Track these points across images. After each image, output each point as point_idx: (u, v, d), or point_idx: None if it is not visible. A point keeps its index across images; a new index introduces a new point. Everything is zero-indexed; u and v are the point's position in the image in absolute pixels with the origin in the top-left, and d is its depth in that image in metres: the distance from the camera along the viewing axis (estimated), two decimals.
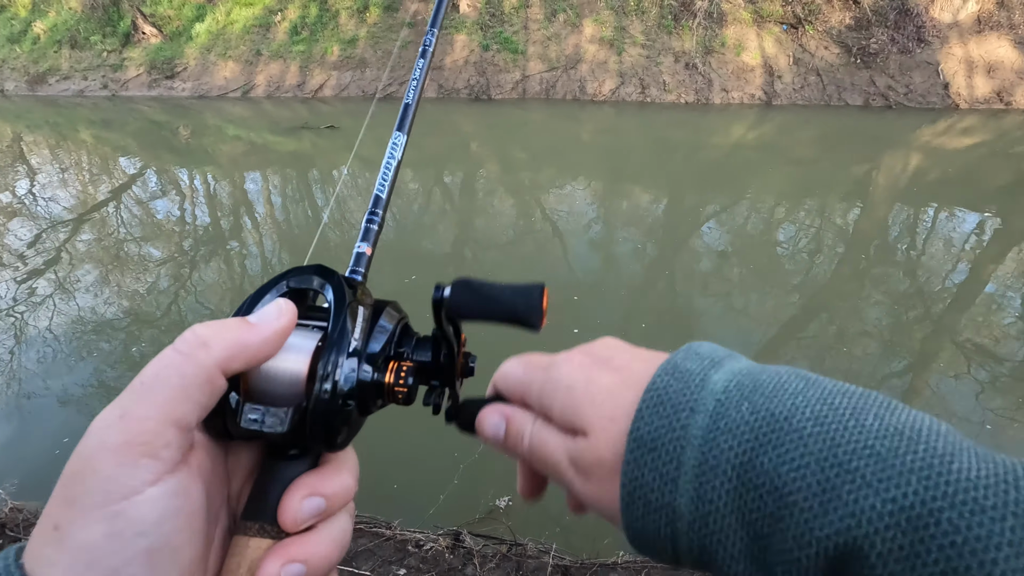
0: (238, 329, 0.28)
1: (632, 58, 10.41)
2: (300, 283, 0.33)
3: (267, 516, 0.29)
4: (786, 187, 6.83)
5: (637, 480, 0.28)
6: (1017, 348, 3.88)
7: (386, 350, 0.33)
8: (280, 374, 0.30)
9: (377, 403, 0.32)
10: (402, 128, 0.47)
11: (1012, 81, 9.20)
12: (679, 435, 0.27)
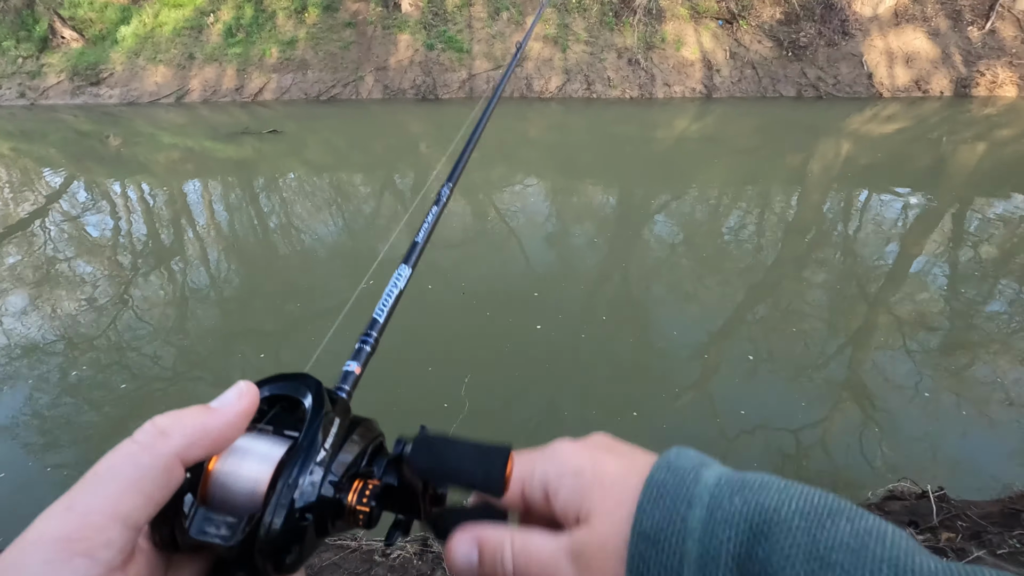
0: (198, 415, 0.27)
1: (576, 55, 10.55)
2: (281, 390, 0.32)
3: None
4: (729, 177, 7.08)
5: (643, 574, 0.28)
6: (946, 319, 4.15)
7: (354, 467, 0.31)
8: (241, 481, 0.28)
9: (336, 524, 0.30)
10: (408, 261, 0.49)
11: (928, 70, 9.83)
12: (680, 528, 0.28)
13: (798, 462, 2.89)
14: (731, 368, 3.57)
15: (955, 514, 2.03)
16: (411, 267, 0.49)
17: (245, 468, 0.28)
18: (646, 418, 3.17)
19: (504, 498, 0.33)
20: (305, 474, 0.28)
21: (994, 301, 4.43)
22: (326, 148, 8.40)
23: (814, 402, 3.35)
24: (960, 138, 8.22)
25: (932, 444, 3.04)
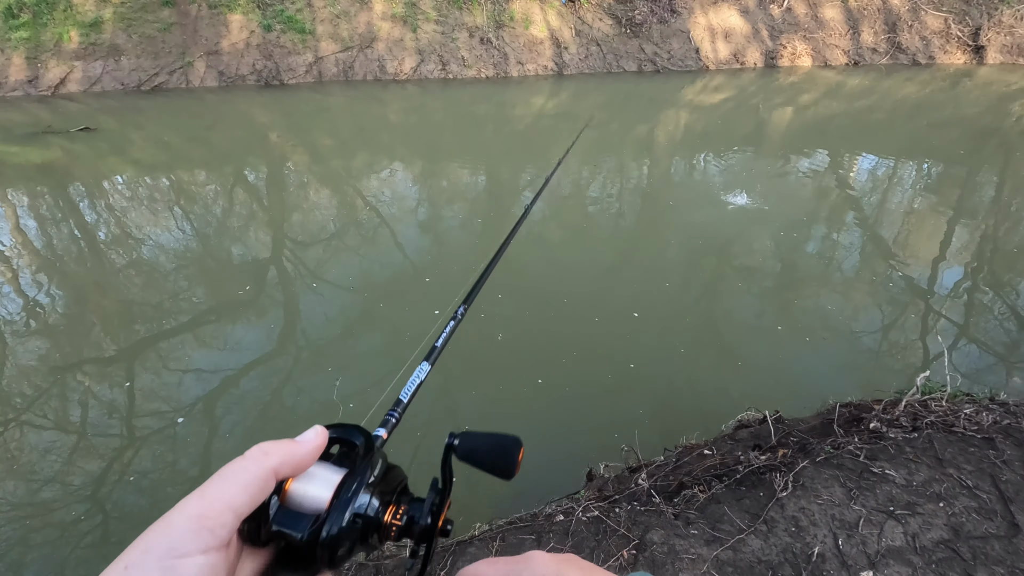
0: (290, 445, 0.37)
1: (428, 35, 10.33)
2: (343, 435, 0.42)
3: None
4: (587, 150, 7.45)
5: None
6: (776, 263, 4.77)
7: (388, 496, 0.41)
8: (312, 493, 0.37)
9: (372, 536, 0.40)
10: (429, 359, 0.61)
11: (743, 44, 11.08)
12: None
13: (672, 403, 3.18)
14: (618, 326, 3.81)
15: (788, 432, 2.36)
16: (431, 364, 0.61)
17: (313, 486, 0.38)
18: (550, 383, 3.28)
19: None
20: (357, 494, 0.38)
21: (811, 242, 5.18)
22: (157, 144, 7.42)
23: (689, 348, 3.69)
24: (773, 104, 9.40)
25: (775, 372, 3.50)
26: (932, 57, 10.96)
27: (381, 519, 0.40)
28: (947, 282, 4.67)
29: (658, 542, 1.74)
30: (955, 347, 3.84)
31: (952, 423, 2.19)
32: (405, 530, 0.41)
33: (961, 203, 6.16)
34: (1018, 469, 1.95)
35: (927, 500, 1.83)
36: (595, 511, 1.89)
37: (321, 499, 0.37)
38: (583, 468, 2.52)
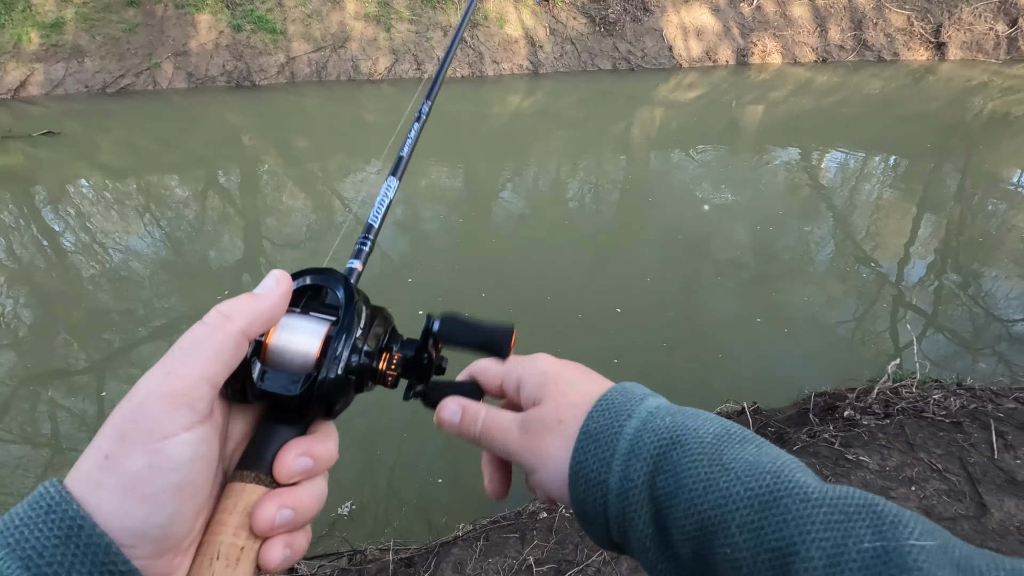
0: (250, 301, 0.34)
1: (402, 34, 10.26)
2: (314, 280, 0.40)
3: (263, 467, 0.34)
4: (564, 148, 7.48)
5: (582, 463, 0.37)
6: (752, 257, 4.85)
7: (380, 343, 0.40)
8: (296, 350, 0.36)
9: (368, 384, 0.39)
10: (395, 174, 0.56)
11: (715, 42, 11.23)
12: (616, 432, 0.37)
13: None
14: (602, 322, 3.84)
15: (766, 423, 2.41)
16: (398, 179, 0.55)
17: (297, 340, 0.36)
18: None
19: (489, 387, 0.44)
20: (348, 346, 0.36)
21: (786, 236, 5.28)
22: (125, 148, 7.24)
23: (671, 341, 3.73)
24: (745, 101, 9.55)
25: (754, 364, 3.56)
26: (896, 54, 11.26)
27: (376, 367, 0.39)
28: (915, 273, 4.80)
29: None
30: (924, 335, 3.95)
31: (922, 409, 2.25)
32: (400, 375, 0.40)
33: (927, 195, 6.34)
34: (985, 451, 2.02)
35: (900, 484, 1.89)
36: None
37: (308, 355, 0.35)
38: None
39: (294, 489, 0.34)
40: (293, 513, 0.33)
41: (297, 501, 0.34)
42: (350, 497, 2.61)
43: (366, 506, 2.55)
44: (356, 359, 0.37)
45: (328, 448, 0.37)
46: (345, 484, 2.69)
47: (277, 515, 0.32)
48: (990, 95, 9.64)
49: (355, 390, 0.38)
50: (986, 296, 4.49)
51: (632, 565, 1.66)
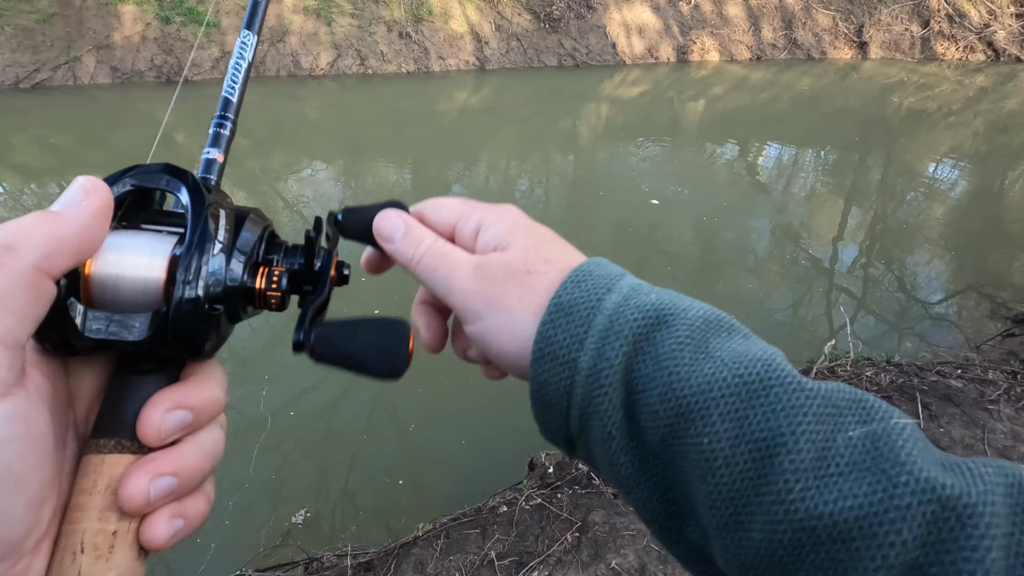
0: (45, 223, 0.25)
1: (344, 28, 9.99)
2: (144, 182, 0.30)
3: (124, 432, 0.27)
4: (513, 144, 7.50)
5: (550, 339, 0.31)
6: (699, 247, 5.01)
7: (254, 256, 0.31)
8: (132, 279, 0.27)
9: (247, 310, 0.32)
10: (251, 27, 0.41)
11: (656, 40, 11.52)
12: (593, 306, 0.32)
13: None
14: None
15: None
16: (255, 33, 0.41)
17: (130, 266, 0.27)
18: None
19: (437, 226, 0.37)
20: (205, 266, 0.28)
21: (728, 226, 5.48)
22: (43, 148, 6.75)
23: None
24: (686, 97, 9.85)
25: None
26: (824, 52, 11.88)
27: (252, 287, 0.30)
28: (846, 259, 5.09)
29: (600, 522, 1.79)
30: (856, 318, 4.20)
31: (857, 385, 2.39)
32: (288, 293, 0.32)
33: (855, 186, 6.72)
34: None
35: None
36: (538, 499, 1.92)
37: (148, 284, 0.27)
38: (527, 459, 2.55)
39: (173, 450, 0.28)
40: (175, 479, 0.27)
41: (179, 464, 0.27)
42: (304, 505, 2.54)
43: (322, 513, 2.48)
44: (220, 280, 0.29)
45: (210, 393, 0.30)
46: (299, 491, 2.61)
47: (152, 487, 0.26)
48: (907, 92, 10.32)
49: (230, 319, 0.30)
50: (909, 279, 4.81)
51: (592, 552, 1.69)
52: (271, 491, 2.57)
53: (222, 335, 0.30)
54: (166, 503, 0.27)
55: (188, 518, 0.28)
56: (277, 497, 2.56)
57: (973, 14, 12.15)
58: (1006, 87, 10.78)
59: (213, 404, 0.30)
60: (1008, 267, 5.06)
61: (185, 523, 0.28)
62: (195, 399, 0.29)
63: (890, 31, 12.02)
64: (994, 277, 4.86)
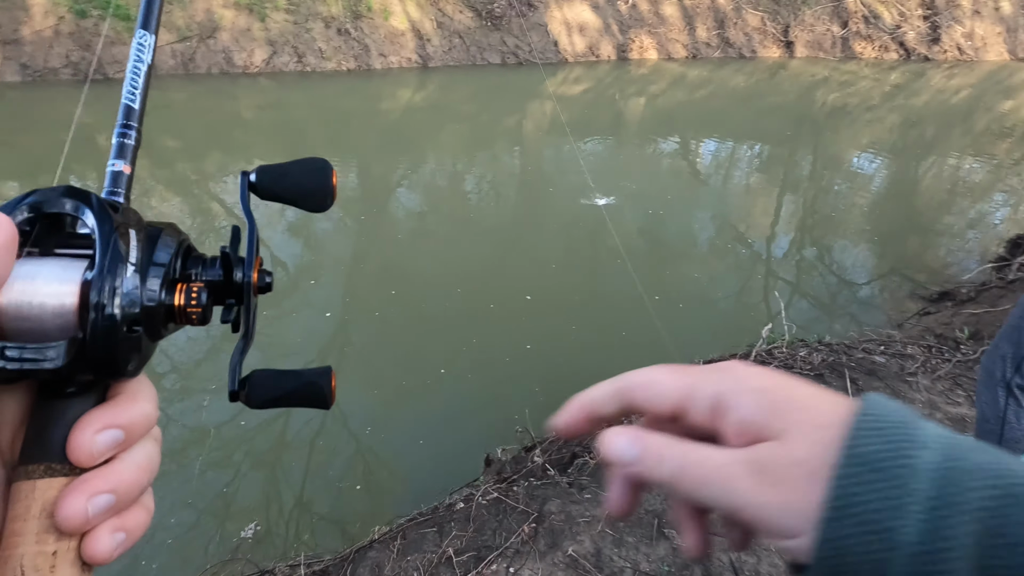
0: None
1: (279, 24, 9.65)
2: (46, 207, 0.29)
3: (53, 456, 0.27)
4: (460, 142, 7.47)
5: (854, 497, 0.26)
6: (647, 240, 5.15)
7: (171, 272, 0.31)
8: (43, 307, 0.27)
9: (169, 327, 0.32)
10: (147, 26, 0.39)
11: (597, 38, 11.73)
12: (904, 462, 0.26)
13: (566, 379, 3.30)
14: (514, 310, 3.91)
15: None
16: (152, 33, 0.40)
17: (40, 294, 0.27)
18: (453, 373, 3.26)
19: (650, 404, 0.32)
20: (118, 287, 0.28)
21: (674, 220, 5.66)
22: None
23: (579, 324, 3.87)
24: (628, 94, 10.09)
25: (654, 339, 3.78)
26: (754, 51, 12.44)
27: (171, 304, 0.30)
28: (781, 247, 5.36)
29: (556, 511, 1.82)
30: (791, 303, 4.43)
31: (791, 365, 2.53)
32: (208, 306, 0.32)
33: (787, 178, 7.08)
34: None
35: None
36: (494, 493, 1.93)
37: (61, 312, 0.27)
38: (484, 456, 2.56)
39: (107, 469, 0.28)
40: (113, 496, 0.27)
41: (115, 481, 0.27)
42: (254, 518, 2.46)
43: (274, 525, 2.41)
44: (136, 301, 0.28)
45: (139, 410, 0.29)
46: (249, 505, 2.52)
47: (89, 506, 0.26)
48: (831, 88, 10.95)
49: (151, 338, 0.30)
50: (838, 265, 5.12)
51: (549, 541, 1.72)
52: (218, 506, 2.47)
53: (144, 354, 0.30)
54: (105, 519, 0.27)
55: (129, 530, 0.28)
56: (225, 512, 2.46)
57: (886, 16, 13.02)
58: (917, 84, 11.61)
59: (144, 420, 0.30)
60: (924, 251, 5.46)
61: (127, 535, 0.28)
62: (125, 417, 0.29)
63: (813, 31, 12.71)
64: (912, 260, 5.24)
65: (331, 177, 0.36)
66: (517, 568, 1.63)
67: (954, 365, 2.57)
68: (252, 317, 0.35)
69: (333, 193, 0.36)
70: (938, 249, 5.53)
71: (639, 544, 1.71)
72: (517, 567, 1.64)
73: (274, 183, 0.35)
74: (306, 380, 0.34)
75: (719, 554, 1.67)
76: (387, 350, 3.50)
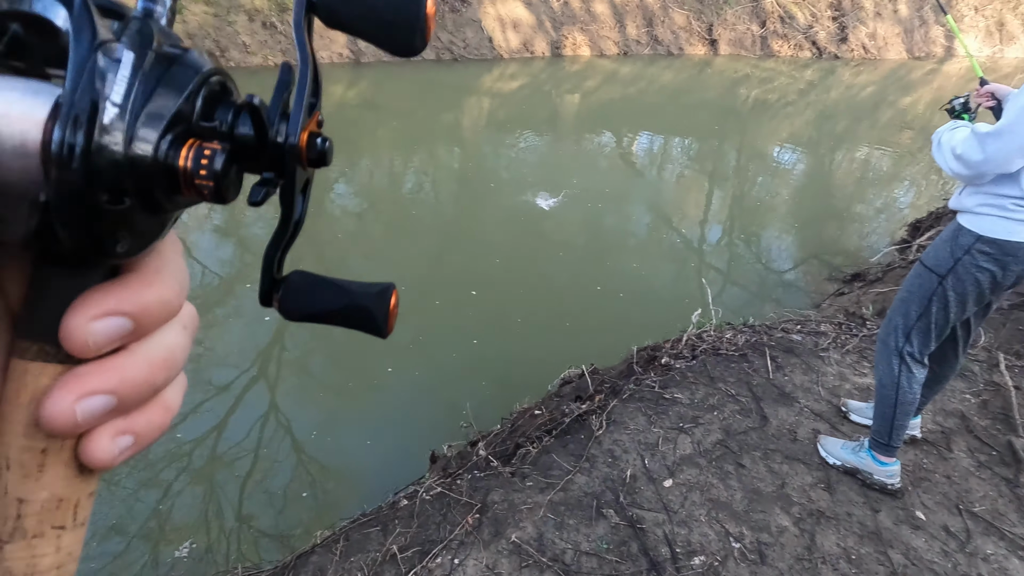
0: None
1: (199, 17, 9.17)
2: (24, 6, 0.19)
3: (47, 336, 0.21)
4: (397, 139, 7.36)
5: None
6: (588, 232, 5.26)
7: (182, 119, 0.21)
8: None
9: (176, 199, 0.22)
10: None
11: (531, 35, 11.83)
12: None
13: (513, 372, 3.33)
14: (460, 305, 3.90)
15: (602, 380, 2.68)
16: None
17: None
18: (400, 370, 3.22)
19: None
20: (94, 129, 0.19)
21: (613, 212, 5.81)
22: None
23: (525, 316, 3.91)
24: (563, 90, 10.24)
25: (597, 328, 3.88)
26: (681, 48, 12.92)
27: (175, 166, 0.21)
28: (712, 237, 5.62)
29: (499, 501, 1.86)
30: (723, 290, 4.66)
31: (719, 347, 2.68)
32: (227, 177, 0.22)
33: (716, 170, 7.42)
34: (764, 374, 2.47)
35: (705, 412, 2.23)
36: (438, 488, 1.94)
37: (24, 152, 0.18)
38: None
39: (109, 362, 0.22)
40: (113, 398, 0.22)
41: (117, 380, 0.22)
42: (191, 537, 2.36)
43: (214, 542, 2.32)
44: (117, 157, 0.19)
45: (157, 295, 0.23)
46: (184, 525, 2.42)
47: (79, 408, 0.21)
48: (752, 85, 11.53)
49: (149, 210, 0.21)
50: (764, 252, 5.43)
51: (493, 530, 1.75)
52: (152, 527, 2.36)
53: (141, 231, 0.22)
54: (105, 422, 0.22)
55: (138, 433, 0.23)
56: (159, 533, 2.35)
57: (800, 16, 13.83)
58: (828, 80, 12.42)
59: (161, 307, 0.23)
60: (840, 236, 5.88)
61: (135, 439, 0.23)
62: (134, 303, 0.22)
63: (735, 30, 13.34)
64: (830, 245, 5.62)
65: (424, 5, 0.24)
66: (462, 559, 1.65)
67: (861, 340, 2.80)
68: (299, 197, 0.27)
69: (427, 27, 0.25)
70: (852, 234, 5.97)
71: (579, 526, 1.77)
72: (462, 558, 1.66)
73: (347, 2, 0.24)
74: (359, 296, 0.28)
75: (653, 528, 1.76)
76: (331, 352, 3.43)
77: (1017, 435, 2.18)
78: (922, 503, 1.88)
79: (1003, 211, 1.50)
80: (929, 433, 2.18)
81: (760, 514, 1.81)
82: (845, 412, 2.26)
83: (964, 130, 1.51)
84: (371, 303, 0.29)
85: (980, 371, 2.58)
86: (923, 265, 1.68)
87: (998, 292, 1.63)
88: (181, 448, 2.75)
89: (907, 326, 1.73)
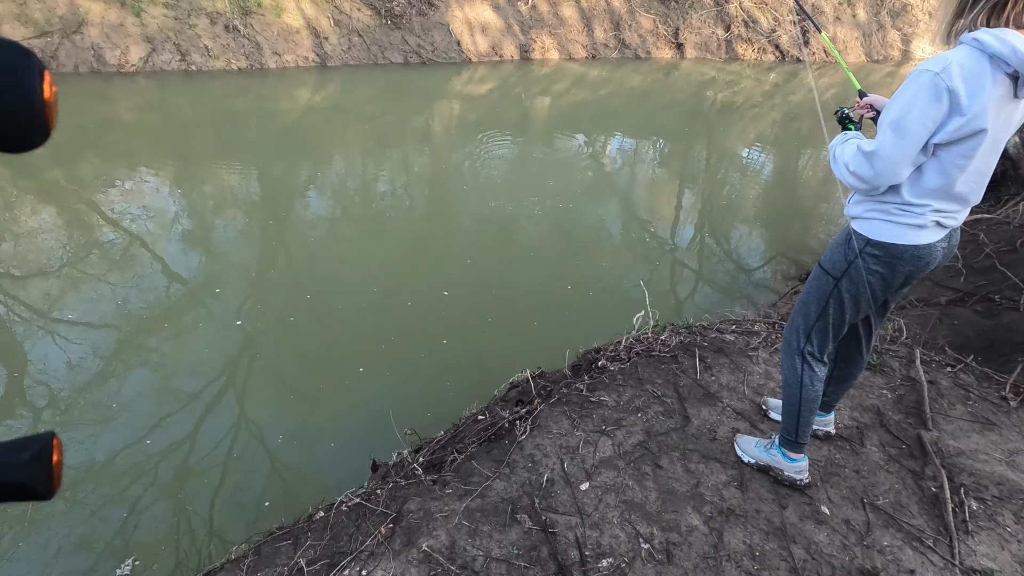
0: None
1: (157, 20, 9.00)
2: None
3: None
4: (366, 143, 7.32)
5: None
6: (559, 232, 5.28)
7: None
8: None
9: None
10: None
11: (499, 38, 11.85)
12: None
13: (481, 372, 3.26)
14: (432, 307, 3.91)
15: (545, 384, 2.69)
16: None
17: None
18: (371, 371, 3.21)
19: None
20: None
21: (584, 213, 5.83)
22: None
23: (495, 317, 3.91)
24: (533, 93, 10.28)
25: (565, 329, 3.83)
26: (649, 52, 13.05)
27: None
28: (684, 237, 5.71)
29: (414, 510, 1.85)
30: (696, 289, 4.71)
31: (652, 349, 2.70)
32: None
33: (685, 172, 7.51)
34: (691, 375, 2.50)
35: (630, 414, 2.25)
36: (356, 499, 1.93)
37: None
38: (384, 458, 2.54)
39: None
40: None
41: None
42: (129, 549, 2.33)
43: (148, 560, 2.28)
44: None
45: None
46: (125, 539, 2.38)
47: None
48: (719, 87, 11.70)
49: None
50: (734, 251, 5.51)
51: (405, 539, 1.75)
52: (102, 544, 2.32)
53: None
54: None
55: None
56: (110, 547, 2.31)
57: (763, 21, 14.08)
58: (791, 83, 12.66)
59: None
60: (805, 234, 6.00)
61: None
62: None
63: (700, 34, 13.51)
64: (796, 243, 5.73)
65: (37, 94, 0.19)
66: (370, 570, 1.64)
67: None
68: None
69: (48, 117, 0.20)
70: (818, 232, 6.10)
71: (492, 532, 1.77)
72: (370, 569, 1.65)
73: None
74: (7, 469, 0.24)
75: (565, 531, 1.77)
76: (303, 354, 3.41)
77: (926, 428, 2.24)
78: (828, 498, 1.91)
79: (888, 215, 1.55)
80: (844, 429, 2.22)
81: (672, 514, 1.83)
82: (765, 410, 2.29)
83: (852, 145, 1.55)
84: (24, 476, 0.24)
85: (899, 367, 2.64)
86: (821, 268, 1.73)
87: (891, 292, 1.67)
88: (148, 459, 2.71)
89: (807, 326, 1.77)
